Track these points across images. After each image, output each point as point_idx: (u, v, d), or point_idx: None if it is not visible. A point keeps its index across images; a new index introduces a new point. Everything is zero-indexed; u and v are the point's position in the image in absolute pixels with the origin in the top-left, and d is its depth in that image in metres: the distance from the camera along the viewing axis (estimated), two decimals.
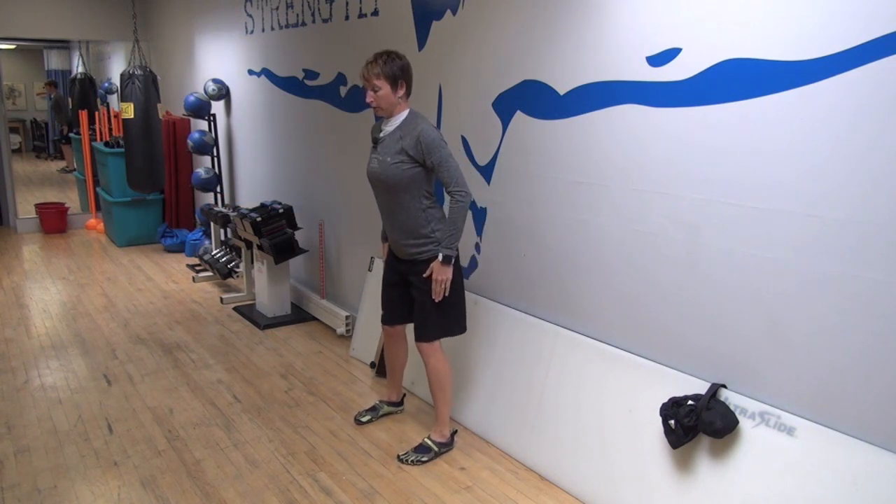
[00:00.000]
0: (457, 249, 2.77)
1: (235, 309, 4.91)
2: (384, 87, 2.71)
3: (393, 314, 3.07)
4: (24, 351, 4.11)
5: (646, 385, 2.53)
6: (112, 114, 7.29)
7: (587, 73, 2.64)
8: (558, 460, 2.78)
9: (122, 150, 6.06)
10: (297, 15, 4.56)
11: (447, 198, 2.74)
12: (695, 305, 2.40)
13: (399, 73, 2.72)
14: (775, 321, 2.17)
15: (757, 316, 2.22)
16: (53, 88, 11.79)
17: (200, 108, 5.83)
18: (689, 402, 2.33)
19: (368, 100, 2.76)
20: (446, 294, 2.80)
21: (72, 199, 8.27)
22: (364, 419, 3.25)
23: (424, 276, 2.80)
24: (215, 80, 5.81)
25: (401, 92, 2.75)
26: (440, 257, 2.74)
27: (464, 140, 3.30)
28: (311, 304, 4.74)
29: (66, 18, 7.03)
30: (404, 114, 2.78)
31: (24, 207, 7.68)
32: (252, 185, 5.70)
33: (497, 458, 2.97)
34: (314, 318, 4.69)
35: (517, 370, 3.02)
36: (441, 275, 2.76)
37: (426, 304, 2.84)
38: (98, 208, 7.50)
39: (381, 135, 2.82)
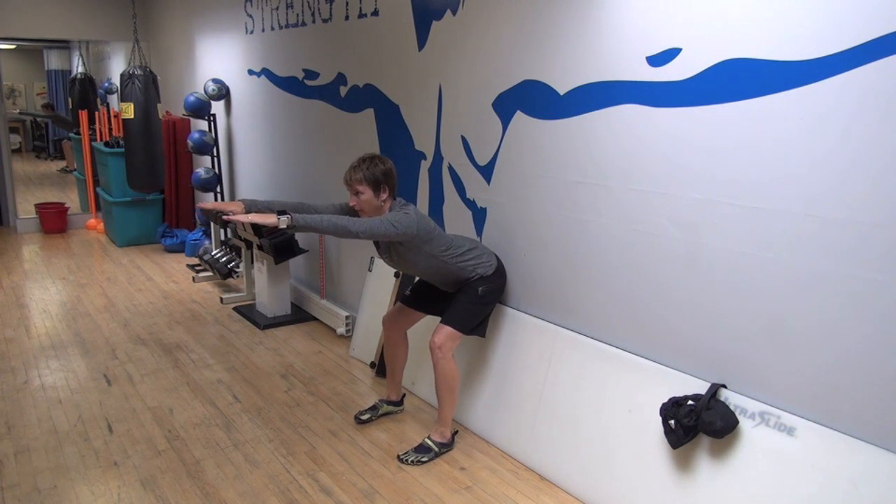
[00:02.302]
0: (293, 227, 2.58)
1: (235, 309, 4.91)
2: (367, 192, 2.77)
3: (418, 300, 3.13)
4: (24, 351, 4.11)
5: (646, 385, 2.53)
6: (112, 114, 7.28)
7: (587, 73, 2.64)
8: (558, 460, 2.78)
9: (122, 150, 6.06)
10: (297, 15, 4.56)
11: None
12: (695, 305, 2.40)
13: (381, 177, 2.76)
14: (775, 321, 2.17)
15: (757, 315, 2.22)
16: (51, 110, 11.77)
17: (200, 108, 5.83)
18: (689, 402, 2.32)
19: (352, 203, 2.82)
20: (233, 223, 2.69)
21: (72, 199, 8.27)
22: (364, 417, 3.25)
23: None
24: (215, 80, 5.81)
25: (384, 195, 2.80)
26: (280, 218, 2.55)
27: (464, 140, 3.30)
28: (311, 304, 4.74)
29: (66, 18, 7.02)
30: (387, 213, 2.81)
31: (24, 207, 7.68)
32: (252, 185, 5.70)
33: (497, 458, 2.97)
34: (314, 318, 4.69)
35: (517, 370, 3.02)
36: (258, 220, 2.57)
37: (469, 295, 2.89)
38: (98, 208, 7.50)
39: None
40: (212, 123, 5.97)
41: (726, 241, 2.27)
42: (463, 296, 2.90)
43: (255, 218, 2.61)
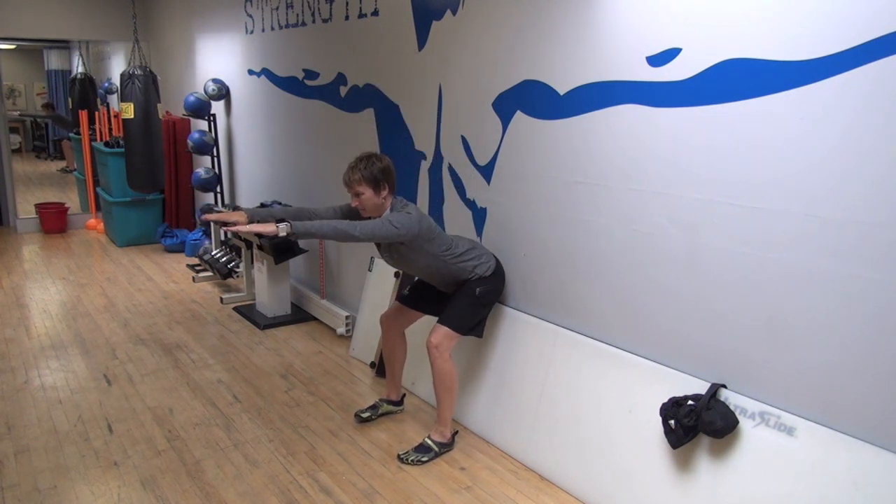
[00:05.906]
0: (293, 235, 2.60)
1: (235, 309, 4.91)
2: (367, 192, 2.77)
3: (417, 300, 3.13)
4: (24, 351, 4.11)
5: (646, 385, 2.53)
6: (112, 114, 7.28)
7: (587, 73, 2.64)
8: (558, 460, 2.78)
9: (122, 150, 6.06)
10: (297, 15, 4.56)
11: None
12: (694, 305, 2.40)
13: (380, 175, 2.77)
14: (775, 321, 2.17)
15: (757, 315, 2.22)
16: (51, 110, 11.74)
17: (200, 108, 5.83)
18: (689, 402, 2.33)
19: (353, 204, 2.83)
20: (236, 233, 2.72)
21: (72, 199, 8.27)
22: (364, 415, 3.25)
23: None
24: (215, 80, 5.81)
25: (384, 193, 2.80)
26: (279, 226, 2.57)
27: (464, 140, 3.30)
28: (311, 304, 4.74)
29: (66, 18, 7.02)
30: (388, 212, 2.83)
31: (24, 207, 7.68)
32: (252, 185, 5.70)
33: (497, 458, 2.97)
34: (314, 318, 4.69)
35: (517, 370, 3.02)
36: (259, 229, 2.59)
37: (467, 296, 2.89)
38: (98, 208, 7.50)
39: None
40: (212, 123, 5.97)
41: (726, 241, 2.27)
42: (461, 296, 2.90)
43: (255, 228, 2.64)
